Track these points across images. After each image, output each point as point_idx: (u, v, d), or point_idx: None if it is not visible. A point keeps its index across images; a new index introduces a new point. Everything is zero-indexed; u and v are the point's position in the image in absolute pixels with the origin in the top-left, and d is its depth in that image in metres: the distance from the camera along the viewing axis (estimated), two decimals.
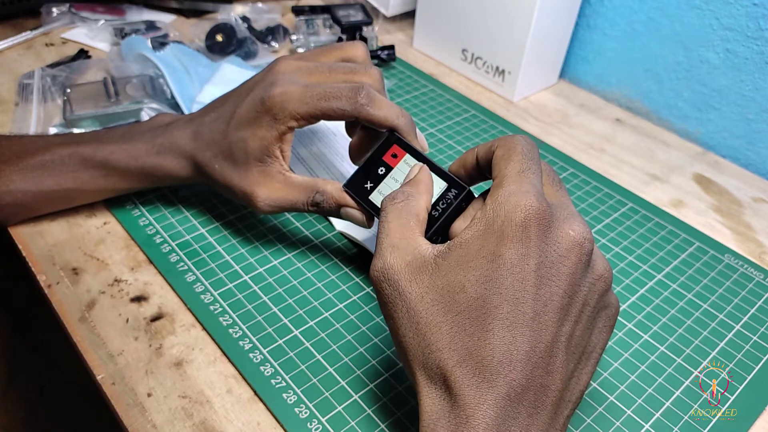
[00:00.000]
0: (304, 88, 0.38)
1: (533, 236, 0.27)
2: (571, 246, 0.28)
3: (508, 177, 0.29)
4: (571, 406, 0.28)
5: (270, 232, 0.46)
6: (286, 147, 0.39)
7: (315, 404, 0.35)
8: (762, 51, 0.55)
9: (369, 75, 0.39)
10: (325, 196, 0.39)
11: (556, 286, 0.27)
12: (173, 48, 0.61)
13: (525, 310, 0.27)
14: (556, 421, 0.27)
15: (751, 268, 0.47)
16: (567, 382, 0.28)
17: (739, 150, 0.60)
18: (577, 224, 0.28)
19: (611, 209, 0.52)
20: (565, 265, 0.27)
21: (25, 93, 0.58)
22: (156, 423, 0.34)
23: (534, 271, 0.27)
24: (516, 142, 0.31)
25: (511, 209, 0.28)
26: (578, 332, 0.28)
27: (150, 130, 0.43)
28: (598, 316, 0.30)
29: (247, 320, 0.40)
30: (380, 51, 0.68)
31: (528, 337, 0.26)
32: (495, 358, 0.26)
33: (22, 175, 0.42)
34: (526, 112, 0.64)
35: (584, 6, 0.65)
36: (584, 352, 0.29)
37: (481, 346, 0.26)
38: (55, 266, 0.43)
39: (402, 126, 0.38)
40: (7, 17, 0.71)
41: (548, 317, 0.27)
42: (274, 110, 0.38)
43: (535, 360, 0.26)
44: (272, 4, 0.76)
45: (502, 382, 0.26)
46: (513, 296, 0.27)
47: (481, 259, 0.28)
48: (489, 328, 0.27)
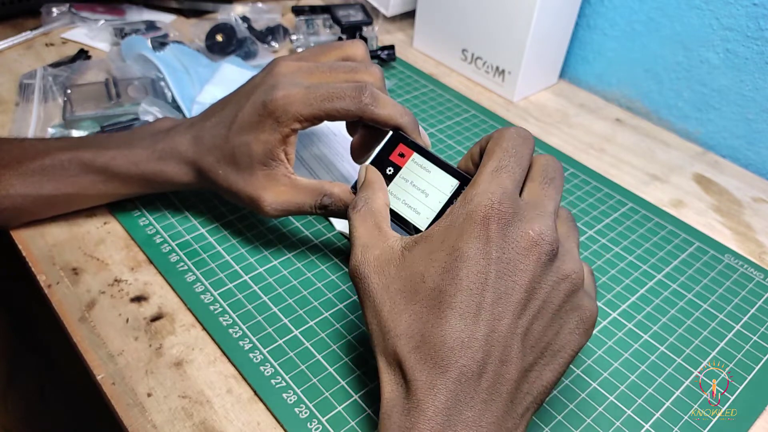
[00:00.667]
0: (306, 90, 0.37)
1: (492, 233, 0.28)
2: (529, 245, 0.28)
3: (482, 175, 0.30)
4: (530, 399, 0.29)
5: (270, 232, 0.46)
6: (290, 150, 0.39)
7: (315, 404, 0.35)
8: (762, 51, 0.55)
9: (370, 74, 0.39)
10: (333, 198, 0.39)
11: (513, 282, 0.28)
12: (173, 48, 0.61)
13: (479, 300, 0.28)
14: (513, 410, 0.28)
15: (751, 268, 0.47)
16: (524, 373, 0.28)
17: (739, 150, 0.60)
18: (539, 224, 0.29)
19: (611, 209, 0.52)
20: (523, 262, 0.28)
21: (26, 93, 0.58)
22: (156, 423, 0.34)
23: (492, 265, 0.28)
24: (504, 137, 0.32)
25: (474, 208, 0.29)
26: (537, 327, 0.29)
27: (151, 136, 0.43)
28: (568, 317, 0.30)
29: (247, 320, 0.40)
30: (380, 51, 0.68)
31: (481, 325, 0.27)
32: (446, 344, 0.27)
33: (22, 180, 0.41)
34: (526, 112, 0.64)
35: (584, 6, 0.65)
36: (547, 349, 0.29)
37: (434, 333, 0.28)
38: (55, 266, 0.43)
39: (406, 124, 0.38)
40: (7, 17, 0.71)
41: (503, 308, 0.28)
42: (276, 113, 0.37)
43: (488, 348, 0.27)
44: (272, 4, 0.76)
45: (453, 368, 0.27)
46: (468, 287, 0.28)
47: (441, 252, 0.29)
48: (443, 316, 0.28)
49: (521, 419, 0.29)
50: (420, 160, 0.37)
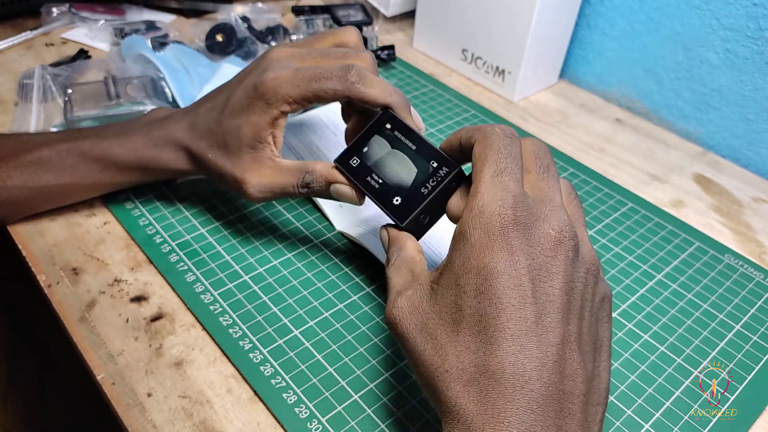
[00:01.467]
0: (294, 72, 0.38)
1: (515, 241, 0.27)
2: (554, 245, 0.27)
3: (483, 183, 0.28)
4: (601, 410, 0.27)
5: (270, 232, 0.46)
6: (278, 132, 0.39)
7: (315, 404, 0.35)
8: (762, 51, 0.55)
9: (361, 59, 0.39)
10: (315, 175, 0.38)
11: (551, 287, 0.26)
12: (173, 48, 0.61)
13: (525, 315, 0.26)
14: (588, 428, 0.26)
15: (751, 268, 0.47)
16: (590, 383, 0.26)
17: (739, 150, 0.60)
18: (557, 221, 0.27)
19: (611, 209, 0.52)
20: (554, 264, 0.27)
21: (24, 92, 0.58)
22: (156, 423, 0.34)
23: (525, 275, 0.26)
24: (493, 138, 0.30)
25: (488, 219, 0.27)
26: (585, 329, 0.27)
27: (147, 124, 0.43)
28: (599, 308, 0.29)
29: (247, 320, 0.40)
30: (380, 51, 0.68)
31: (535, 342, 0.25)
32: (506, 370, 0.25)
33: (20, 171, 0.42)
34: (526, 112, 0.64)
35: (584, 6, 0.65)
36: (596, 348, 0.28)
37: (489, 361, 0.25)
38: (55, 266, 0.43)
39: (395, 103, 0.37)
40: (7, 17, 0.71)
41: (551, 318, 0.26)
42: (266, 95, 0.38)
43: (549, 365, 0.25)
44: (272, 4, 0.76)
45: (519, 395, 0.24)
46: (509, 304, 0.26)
47: (468, 275, 0.27)
48: (493, 341, 0.25)
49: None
50: (402, 138, 0.36)
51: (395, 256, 0.33)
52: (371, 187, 0.36)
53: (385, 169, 0.36)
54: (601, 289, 0.29)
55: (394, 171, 0.36)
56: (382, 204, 0.35)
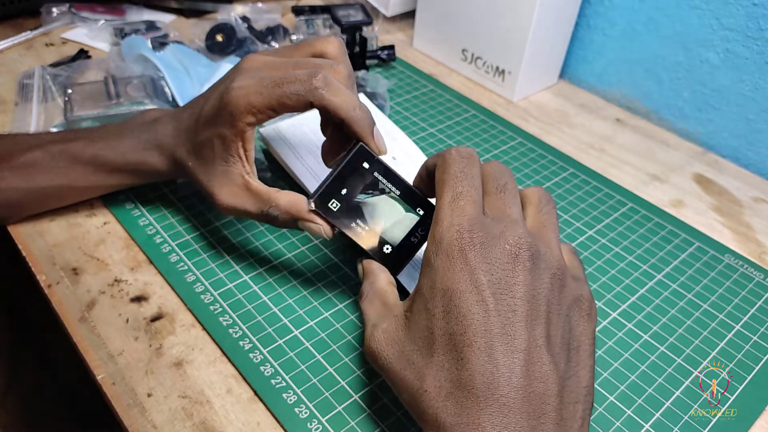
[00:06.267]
0: (260, 80, 0.36)
1: (473, 261, 0.28)
2: (511, 258, 0.28)
3: (442, 210, 0.30)
4: (581, 407, 0.28)
5: (270, 232, 0.46)
6: (248, 146, 0.38)
7: (315, 404, 0.35)
8: (762, 51, 0.55)
9: (335, 71, 0.37)
10: (280, 210, 0.37)
11: (512, 297, 0.28)
12: (173, 48, 0.61)
13: (490, 327, 0.27)
14: (567, 427, 0.27)
15: (751, 268, 0.47)
16: (564, 383, 0.27)
17: (739, 150, 0.60)
18: (511, 234, 0.29)
19: (611, 209, 0.52)
20: (513, 276, 0.28)
21: (25, 92, 0.58)
22: (156, 423, 0.34)
23: (486, 290, 0.28)
24: (449, 162, 0.32)
25: (448, 245, 0.29)
26: (554, 332, 0.28)
27: (138, 127, 0.43)
28: (571, 309, 0.30)
29: (247, 320, 0.40)
30: (380, 51, 0.68)
31: (501, 351, 0.27)
32: (477, 380, 0.26)
33: (14, 173, 0.42)
34: (526, 112, 0.64)
35: (584, 6, 0.65)
36: (570, 349, 0.29)
37: (461, 375, 0.27)
38: (55, 266, 0.43)
39: (357, 119, 0.36)
40: (7, 17, 0.71)
41: (516, 327, 0.27)
42: (230, 106, 0.36)
43: (517, 370, 0.26)
44: (272, 4, 0.76)
45: (491, 402, 0.26)
46: (474, 319, 0.27)
47: (435, 300, 0.29)
48: (463, 357, 0.27)
49: (581, 429, 0.27)
50: (381, 180, 0.37)
51: (368, 289, 0.35)
52: (357, 233, 0.37)
53: (370, 217, 0.37)
54: (571, 292, 0.30)
55: (380, 219, 0.37)
56: (371, 252, 0.37)
